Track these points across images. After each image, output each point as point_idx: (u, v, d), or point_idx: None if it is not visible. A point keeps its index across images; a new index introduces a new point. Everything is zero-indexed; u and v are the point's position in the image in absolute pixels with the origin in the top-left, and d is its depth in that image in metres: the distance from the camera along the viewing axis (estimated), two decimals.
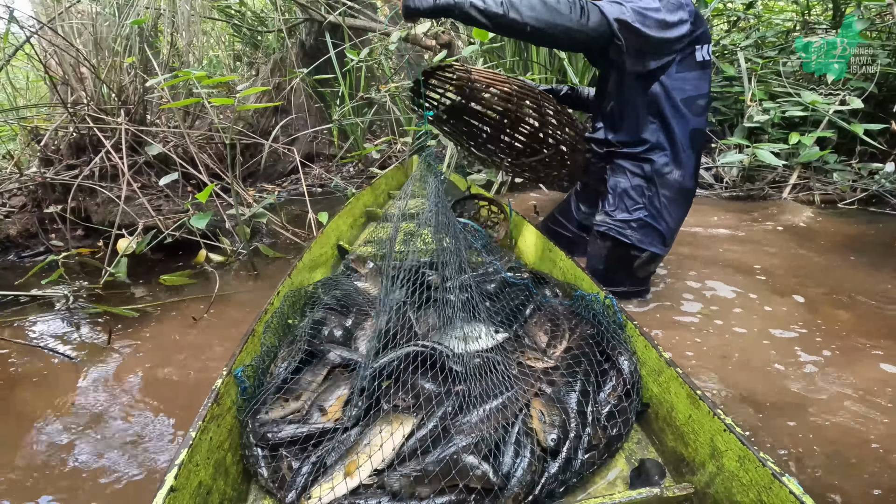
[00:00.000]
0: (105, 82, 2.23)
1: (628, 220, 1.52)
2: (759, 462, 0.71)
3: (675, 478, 0.88)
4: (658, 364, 0.98)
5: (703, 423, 0.83)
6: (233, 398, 0.96)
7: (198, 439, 0.80)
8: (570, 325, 1.18)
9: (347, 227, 2.37)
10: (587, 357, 1.03)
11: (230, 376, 0.96)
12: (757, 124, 2.92)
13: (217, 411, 0.89)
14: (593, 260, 1.64)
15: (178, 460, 0.75)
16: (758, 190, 2.94)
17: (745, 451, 0.74)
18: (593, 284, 1.27)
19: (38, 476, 1.03)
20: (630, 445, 0.96)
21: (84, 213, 2.22)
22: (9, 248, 2.20)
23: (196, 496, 0.76)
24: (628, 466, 0.91)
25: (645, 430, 0.99)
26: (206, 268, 2.11)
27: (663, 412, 0.95)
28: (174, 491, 0.71)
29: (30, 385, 1.33)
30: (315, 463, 0.84)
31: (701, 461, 0.83)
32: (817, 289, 1.74)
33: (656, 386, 0.98)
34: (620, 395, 0.98)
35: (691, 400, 0.87)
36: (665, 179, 1.49)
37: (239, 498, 0.87)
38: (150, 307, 1.75)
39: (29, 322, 1.70)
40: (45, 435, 1.14)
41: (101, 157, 2.16)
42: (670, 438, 0.92)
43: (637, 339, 1.05)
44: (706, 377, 1.26)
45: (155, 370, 1.38)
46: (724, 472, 0.78)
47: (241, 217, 2.06)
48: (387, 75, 3.99)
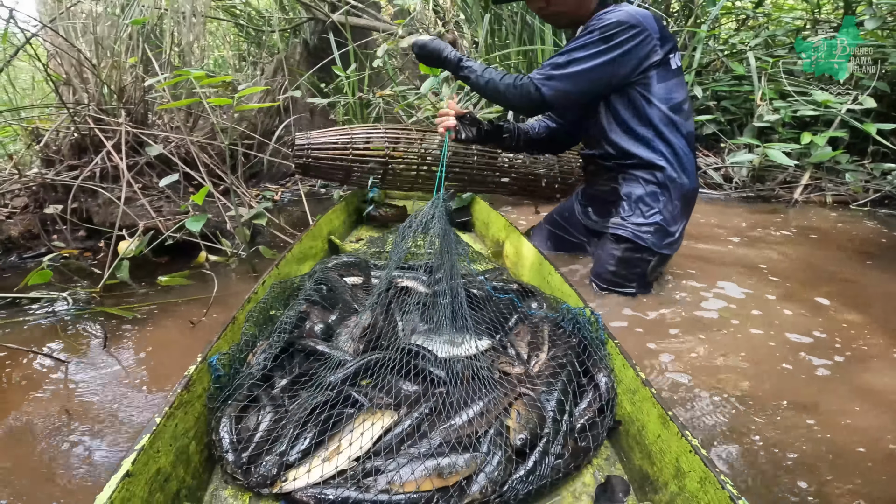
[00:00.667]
0: (106, 82, 2.22)
1: (644, 223, 1.57)
2: (718, 484, 0.71)
3: (639, 496, 0.88)
4: (634, 383, 0.98)
5: (670, 443, 0.83)
6: (205, 386, 0.95)
7: (162, 425, 0.80)
8: (553, 336, 1.18)
9: (340, 222, 2.36)
10: (566, 368, 1.04)
11: (204, 363, 0.95)
12: (767, 124, 2.86)
13: (186, 398, 0.88)
14: (603, 261, 1.64)
15: (137, 445, 0.74)
16: (768, 190, 2.88)
17: (706, 473, 0.73)
18: (579, 300, 1.27)
19: (33, 481, 1.00)
20: (599, 461, 0.96)
21: (86, 214, 2.21)
22: (10, 250, 2.20)
23: (153, 482, 0.75)
24: (595, 482, 0.91)
25: (615, 446, 0.99)
26: (206, 269, 2.09)
27: (634, 430, 0.95)
28: (129, 476, 0.70)
29: (19, 389, 1.31)
30: (286, 451, 0.84)
31: (664, 481, 0.83)
32: (830, 290, 1.70)
33: (630, 404, 0.98)
34: (595, 409, 0.99)
35: (662, 420, 0.87)
36: (676, 185, 1.56)
37: (198, 487, 0.86)
38: (145, 307, 1.73)
39: (23, 324, 1.68)
40: (40, 441, 1.11)
41: (102, 158, 2.14)
42: (638, 456, 0.92)
43: (616, 357, 1.06)
44: (714, 378, 1.22)
45: (152, 372, 1.36)
46: (686, 493, 0.77)
47: (240, 219, 2.04)
48: (390, 76, 3.97)
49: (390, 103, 3.63)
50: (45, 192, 2.22)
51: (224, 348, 1.04)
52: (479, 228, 2.51)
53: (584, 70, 1.47)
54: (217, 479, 0.89)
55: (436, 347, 1.05)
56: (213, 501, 0.86)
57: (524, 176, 2.69)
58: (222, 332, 1.06)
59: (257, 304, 1.22)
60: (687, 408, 1.15)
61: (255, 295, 1.26)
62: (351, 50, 3.94)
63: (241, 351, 1.06)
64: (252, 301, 1.23)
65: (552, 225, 2.04)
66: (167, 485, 0.79)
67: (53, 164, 2.26)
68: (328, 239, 2.10)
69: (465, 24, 4.25)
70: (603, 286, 1.65)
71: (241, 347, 1.07)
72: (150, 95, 2.45)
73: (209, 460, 0.90)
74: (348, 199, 2.60)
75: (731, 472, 0.97)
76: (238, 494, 0.86)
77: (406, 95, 3.47)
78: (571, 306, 1.22)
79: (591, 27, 1.47)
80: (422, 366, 0.99)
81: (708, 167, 3.09)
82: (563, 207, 2.02)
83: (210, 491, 0.87)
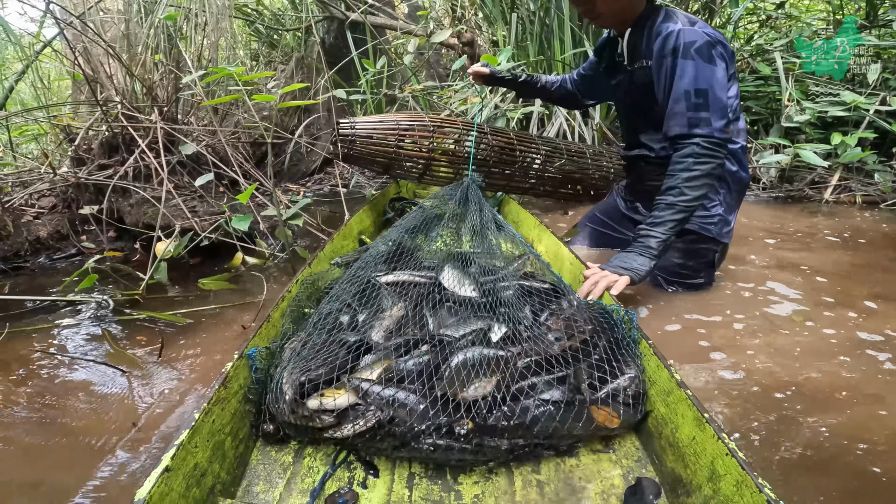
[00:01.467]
0: (139, 79, 2.16)
1: (708, 215, 1.59)
2: (756, 488, 0.69)
3: (671, 498, 0.86)
4: (668, 384, 0.97)
5: (706, 446, 0.82)
6: (241, 382, 0.97)
7: (200, 421, 0.81)
8: (584, 329, 1.16)
9: (371, 221, 2.34)
10: (591, 356, 1.04)
11: (241, 360, 0.98)
12: (796, 124, 2.86)
13: (223, 394, 0.90)
14: (668, 255, 1.63)
15: (177, 441, 0.75)
16: (797, 191, 2.88)
17: (744, 476, 0.72)
18: (610, 297, 1.26)
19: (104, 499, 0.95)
20: (629, 462, 0.95)
21: (116, 214, 2.15)
22: (39, 251, 2.13)
23: (190, 477, 0.76)
24: (624, 483, 0.89)
25: (646, 448, 0.98)
26: (242, 271, 2.04)
27: (667, 432, 0.94)
28: (169, 471, 0.71)
29: (82, 401, 1.25)
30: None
31: (698, 484, 0.82)
32: (880, 290, 1.69)
33: (664, 406, 0.97)
34: (621, 388, 0.99)
35: (697, 422, 0.85)
36: (734, 177, 1.59)
37: (232, 482, 0.87)
38: (190, 312, 1.68)
39: (66, 330, 1.62)
40: (110, 456, 1.06)
41: (136, 157, 2.09)
42: (671, 459, 0.91)
43: (650, 357, 1.05)
44: (776, 376, 1.20)
45: (209, 380, 1.31)
46: (720, 496, 0.76)
47: (282, 219, 1.99)
48: (409, 73, 3.93)
49: (417, 99, 3.60)
50: (76, 191, 2.15)
51: (262, 344, 1.06)
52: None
53: (717, 93, 1.40)
54: (250, 474, 0.91)
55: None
56: (246, 497, 0.87)
57: (567, 176, 2.67)
58: (257, 330, 1.08)
59: (292, 303, 1.25)
60: (746, 408, 1.12)
61: (288, 294, 1.28)
62: (370, 48, 3.89)
63: (278, 346, 1.08)
64: (286, 299, 1.26)
65: (595, 223, 2.06)
66: (203, 480, 0.80)
67: (84, 163, 2.20)
68: (359, 238, 2.09)
69: (485, 22, 4.22)
70: (671, 279, 1.65)
71: (278, 343, 1.09)
72: (180, 93, 2.39)
73: (242, 457, 0.92)
74: (377, 198, 2.57)
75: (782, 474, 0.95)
76: (270, 489, 0.88)
77: (434, 90, 3.44)
78: (603, 303, 1.21)
79: (678, 51, 1.41)
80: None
81: None
82: (606, 206, 2.05)
83: (243, 486, 0.89)
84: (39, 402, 1.24)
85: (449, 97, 3.54)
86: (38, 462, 1.04)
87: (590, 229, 2.07)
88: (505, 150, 2.43)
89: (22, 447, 1.08)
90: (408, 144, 2.24)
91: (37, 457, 1.06)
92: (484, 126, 2.46)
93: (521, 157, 2.50)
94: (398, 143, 2.22)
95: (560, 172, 2.62)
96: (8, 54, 3.27)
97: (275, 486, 0.88)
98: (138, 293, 1.74)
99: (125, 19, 2.19)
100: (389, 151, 2.22)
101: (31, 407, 1.22)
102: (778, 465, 0.98)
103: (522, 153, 2.51)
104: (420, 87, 3.41)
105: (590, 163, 2.71)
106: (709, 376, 1.24)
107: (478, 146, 2.36)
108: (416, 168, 2.34)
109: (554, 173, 2.59)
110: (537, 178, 2.61)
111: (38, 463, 1.04)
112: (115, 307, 1.71)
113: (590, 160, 2.71)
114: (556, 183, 2.67)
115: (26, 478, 1.00)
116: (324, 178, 3.77)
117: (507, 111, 3.09)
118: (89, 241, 2.19)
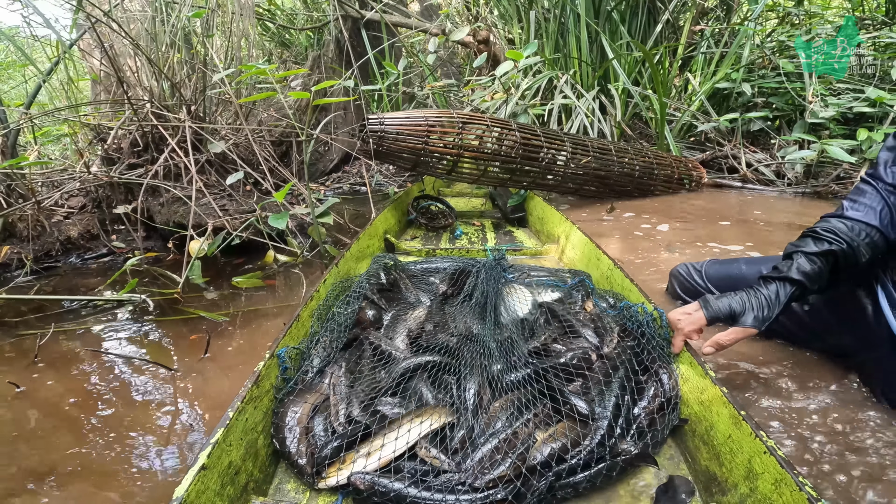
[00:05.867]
0: (168, 77, 2.15)
1: None
2: (796, 486, 0.68)
3: (704, 497, 0.85)
4: (702, 382, 0.96)
5: (742, 444, 0.81)
6: (272, 381, 0.97)
7: (234, 419, 0.82)
8: (617, 331, 1.14)
9: (395, 220, 2.34)
10: (626, 366, 1.00)
11: (272, 359, 0.98)
12: (821, 120, 2.85)
13: (256, 393, 0.91)
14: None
15: (213, 439, 0.76)
16: (823, 186, 2.87)
17: (783, 475, 0.71)
18: (640, 295, 1.24)
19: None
20: (661, 460, 0.93)
21: (146, 213, 2.14)
22: (70, 251, 2.12)
23: (224, 475, 0.77)
24: (656, 482, 0.88)
25: (679, 446, 0.97)
26: (274, 269, 2.04)
27: (701, 430, 0.92)
28: (205, 469, 0.72)
29: (130, 398, 1.24)
30: (342, 437, 0.87)
31: (734, 482, 0.81)
32: None
33: (697, 404, 0.96)
34: (654, 408, 0.95)
35: (734, 420, 0.84)
36: None
37: (265, 480, 0.88)
38: (232, 310, 1.67)
39: (108, 331, 1.61)
40: (156, 451, 1.05)
41: (166, 156, 2.07)
42: (705, 457, 0.90)
43: (683, 355, 1.03)
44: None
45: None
46: (757, 494, 0.75)
47: (315, 217, 1.98)
48: (427, 72, 3.92)
49: (437, 95, 3.59)
50: (109, 190, 2.14)
51: (291, 344, 1.07)
52: (533, 223, 2.48)
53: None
54: (281, 472, 0.91)
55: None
56: (276, 494, 0.87)
57: (592, 174, 2.67)
58: (287, 330, 1.08)
59: (320, 302, 1.25)
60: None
61: (317, 293, 1.28)
62: (385, 47, 3.88)
63: (306, 346, 1.09)
64: (315, 299, 1.26)
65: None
66: (237, 478, 0.80)
67: (114, 163, 2.19)
68: (384, 237, 2.09)
69: (500, 21, 4.21)
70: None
71: (307, 342, 1.10)
72: (208, 92, 2.38)
73: (274, 454, 0.93)
74: (401, 196, 2.56)
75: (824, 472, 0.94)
76: (301, 488, 0.88)
77: (453, 88, 3.42)
78: (632, 303, 1.20)
79: None
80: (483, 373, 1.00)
81: (759, 164, 3.08)
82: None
83: (274, 485, 0.89)
84: (91, 400, 1.23)
85: (466, 94, 3.53)
86: (88, 456, 1.03)
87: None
88: (529, 146, 2.42)
89: (73, 442, 1.07)
90: (435, 140, 2.22)
91: (90, 449, 1.05)
92: (510, 122, 2.45)
93: (547, 153, 2.49)
94: (427, 138, 2.20)
95: (585, 169, 2.61)
96: (38, 55, 3.26)
97: (306, 486, 0.88)
98: (177, 292, 1.73)
99: (152, 17, 2.18)
100: (419, 147, 2.19)
101: (83, 404, 1.21)
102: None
103: (550, 150, 2.50)
104: (440, 84, 3.40)
105: (615, 160, 2.70)
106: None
107: (501, 144, 2.35)
108: (442, 164, 2.32)
109: (577, 170, 2.59)
110: (565, 175, 2.60)
111: (88, 457, 1.03)
112: (154, 307, 1.70)
113: (615, 157, 2.70)
114: (581, 180, 2.66)
115: (78, 470, 0.99)
116: (342, 177, 3.77)
117: (527, 107, 3.08)
118: (120, 240, 2.18)
